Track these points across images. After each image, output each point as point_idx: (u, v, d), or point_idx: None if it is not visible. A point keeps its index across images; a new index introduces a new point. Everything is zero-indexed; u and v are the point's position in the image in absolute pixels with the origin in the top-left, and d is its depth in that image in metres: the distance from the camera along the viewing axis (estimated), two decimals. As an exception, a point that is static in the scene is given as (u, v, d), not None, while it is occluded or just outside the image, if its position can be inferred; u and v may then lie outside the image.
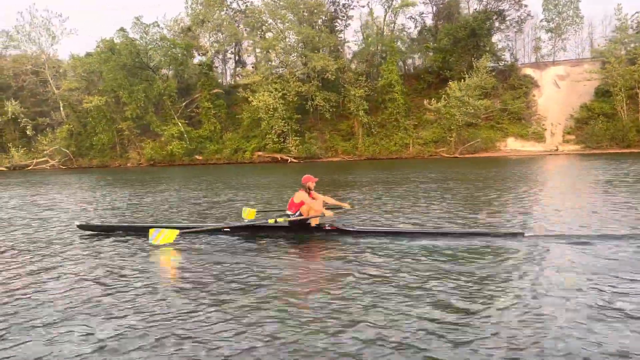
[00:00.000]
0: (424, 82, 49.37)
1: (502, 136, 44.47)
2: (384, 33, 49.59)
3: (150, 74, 47.46)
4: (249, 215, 8.97)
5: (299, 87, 43.84)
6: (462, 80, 42.97)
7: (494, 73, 44.68)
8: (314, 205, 7.52)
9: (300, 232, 7.63)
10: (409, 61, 54.45)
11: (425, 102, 44.20)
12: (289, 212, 7.72)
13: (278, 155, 46.13)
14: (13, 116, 51.59)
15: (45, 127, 54.78)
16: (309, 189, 7.82)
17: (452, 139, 43.30)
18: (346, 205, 8.38)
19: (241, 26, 52.82)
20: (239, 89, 47.85)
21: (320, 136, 47.02)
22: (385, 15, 50.31)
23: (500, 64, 48.38)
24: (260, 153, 47.51)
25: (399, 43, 47.91)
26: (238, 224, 8.09)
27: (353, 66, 49.19)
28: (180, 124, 47.58)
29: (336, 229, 7.45)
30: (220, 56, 55.08)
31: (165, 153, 47.86)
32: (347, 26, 53.77)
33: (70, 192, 19.43)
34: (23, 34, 50.95)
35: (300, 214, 7.56)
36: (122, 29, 46.10)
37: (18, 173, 46.51)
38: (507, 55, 50.37)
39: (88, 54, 50.04)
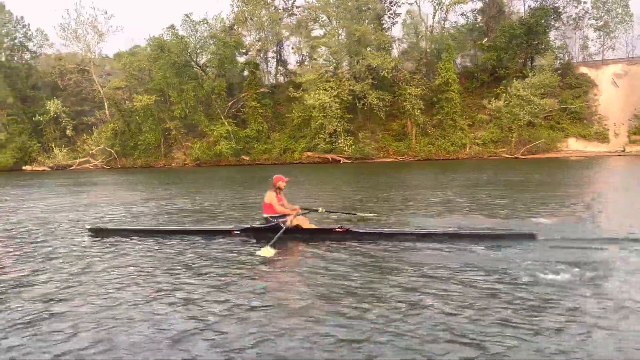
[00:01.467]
0: (476, 81, 48.03)
1: (562, 136, 43.05)
2: (435, 30, 48.36)
3: (199, 72, 46.49)
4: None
5: (353, 85, 42.64)
6: (522, 78, 41.67)
7: (551, 72, 43.30)
8: (280, 208, 7.62)
9: (311, 236, 7.58)
10: (458, 60, 53.11)
11: (485, 101, 42.84)
12: (264, 215, 7.75)
13: (329, 156, 44.94)
14: (55, 115, 50.80)
15: (85, 127, 54.03)
16: (279, 189, 7.80)
17: (513, 139, 41.93)
18: (299, 210, 8.00)
19: (284, 25, 51.88)
20: (290, 87, 46.72)
21: (371, 136, 45.78)
22: (435, 13, 49.17)
23: (556, 62, 46.92)
24: (309, 153, 46.35)
25: (450, 41, 46.46)
26: (246, 226, 8.10)
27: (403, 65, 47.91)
28: (230, 124, 46.52)
29: (347, 231, 7.48)
30: (262, 55, 54.00)
31: (213, 153, 46.83)
32: (394, 24, 52.73)
33: (147, 194, 18.20)
34: (69, 31, 50.14)
35: (277, 216, 7.63)
36: (172, 27, 45.19)
37: (62, 173, 45.72)
38: (562, 54, 48.95)
39: (131, 52, 49.19)
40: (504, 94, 41.84)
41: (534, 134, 42.06)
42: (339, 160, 44.00)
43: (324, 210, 8.74)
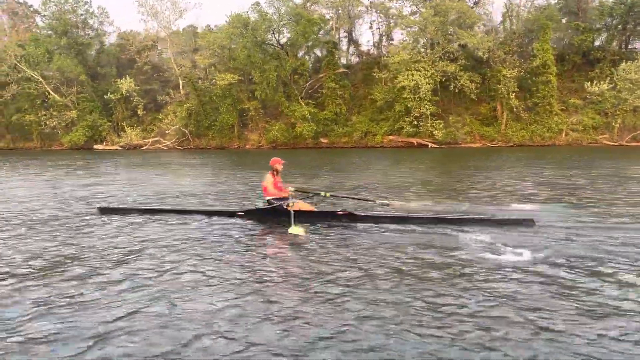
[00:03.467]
0: (568, 64, 45.56)
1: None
2: (520, 10, 45.82)
3: (280, 51, 44.94)
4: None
5: (446, 66, 40.65)
6: (619, 61, 39.29)
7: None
8: (275, 191, 7.80)
9: (314, 219, 7.67)
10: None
11: (586, 84, 40.46)
12: (267, 198, 7.91)
13: (414, 140, 43.23)
14: (127, 94, 49.89)
15: (153, 106, 53.08)
16: (276, 171, 8.00)
17: (616, 125, 39.63)
18: (290, 192, 8.03)
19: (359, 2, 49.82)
20: (366, 68, 44.97)
21: (459, 120, 43.79)
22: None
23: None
24: (392, 137, 44.68)
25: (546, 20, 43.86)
26: (251, 207, 8.36)
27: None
28: (308, 105, 45.00)
29: (349, 214, 7.65)
30: (337, 35, 52.07)
31: (292, 135, 45.47)
32: (476, 3, 50.22)
33: (243, 176, 16.93)
34: (147, 7, 48.82)
35: (275, 198, 7.81)
36: (256, 3, 43.52)
37: (136, 152, 44.91)
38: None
39: (208, 29, 47.76)
40: (608, 77, 39.46)
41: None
42: (426, 145, 42.26)
43: (329, 195, 8.67)
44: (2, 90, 51.80)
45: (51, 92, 52.03)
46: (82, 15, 56.43)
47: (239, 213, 8.19)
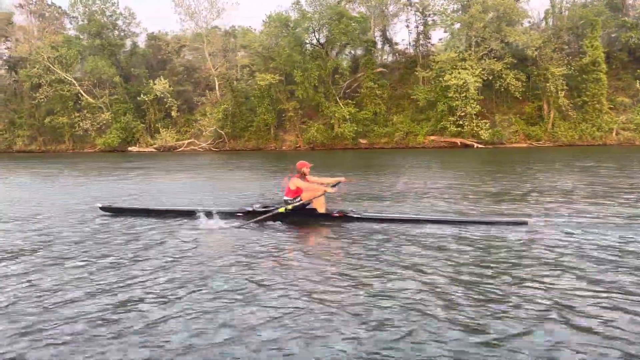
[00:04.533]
0: (615, 61, 44.39)
1: None
2: (564, 7, 44.75)
3: (321, 50, 44.15)
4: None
5: (492, 64, 39.68)
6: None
7: None
8: (311, 187, 7.65)
9: (310, 220, 7.69)
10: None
11: (639, 83, 39.35)
12: (286, 198, 7.83)
13: (458, 140, 42.27)
14: (161, 95, 49.30)
15: (186, 108, 52.48)
16: (304, 174, 7.96)
17: (671, 124, 38.50)
18: (342, 179, 8.34)
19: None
20: (414, 67, 44.08)
21: (504, 120, 42.80)
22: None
23: None
24: (433, 137, 43.74)
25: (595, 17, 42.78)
26: (248, 209, 8.24)
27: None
28: (348, 105, 44.19)
29: (343, 216, 7.64)
30: (372, 34, 51.21)
31: (332, 135, 44.66)
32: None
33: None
34: (184, 7, 48.19)
35: (301, 200, 7.71)
36: (297, 2, 42.81)
37: (172, 154, 44.24)
38: None
39: (246, 29, 47.09)
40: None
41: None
42: (472, 145, 41.28)
43: (349, 180, 8.87)
44: (34, 93, 51.36)
45: (84, 94, 51.58)
46: (111, 16, 56.09)
47: (238, 214, 8.21)
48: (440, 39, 50.19)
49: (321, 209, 7.87)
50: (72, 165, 29.14)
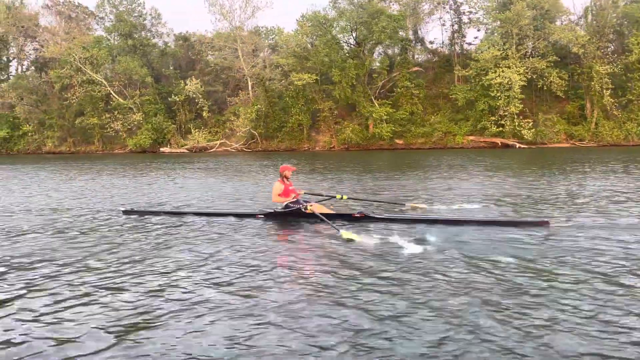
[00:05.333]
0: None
1: None
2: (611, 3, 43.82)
3: (358, 49, 43.58)
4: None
5: (537, 62, 38.90)
6: None
7: None
8: (281, 191, 8.11)
9: (332, 219, 7.63)
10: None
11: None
12: (278, 204, 8.24)
13: (498, 140, 41.54)
14: (192, 95, 48.94)
15: (216, 108, 52.09)
16: (286, 178, 8.26)
17: None
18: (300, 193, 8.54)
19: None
20: (455, 66, 43.37)
21: (546, 119, 41.94)
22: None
23: None
24: (472, 137, 43.03)
25: None
26: (269, 211, 8.41)
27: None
28: (385, 105, 43.57)
29: (364, 216, 7.89)
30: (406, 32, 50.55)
31: (369, 136, 44.07)
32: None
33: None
34: (218, 6, 47.80)
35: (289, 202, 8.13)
36: (335, 1, 42.31)
37: (207, 155, 43.81)
38: None
39: (281, 29, 46.62)
40: None
41: None
42: (513, 145, 40.49)
43: (346, 197, 8.79)
44: (66, 93, 51.21)
45: (114, 95, 51.35)
46: (140, 16, 55.94)
47: (259, 215, 8.35)
48: (475, 37, 49.56)
49: (321, 211, 7.98)
50: (123, 166, 28.68)
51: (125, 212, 9.33)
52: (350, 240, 6.55)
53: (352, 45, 44.54)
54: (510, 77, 37.11)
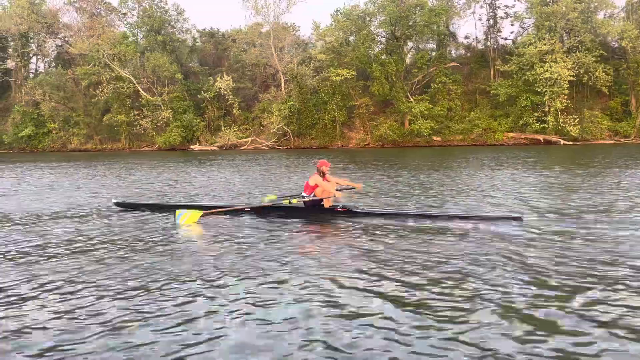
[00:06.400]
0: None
1: None
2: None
3: (396, 44, 42.69)
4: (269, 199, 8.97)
5: (583, 57, 37.95)
6: None
7: None
8: (326, 187, 8.11)
9: (314, 213, 8.13)
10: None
11: None
12: (304, 194, 8.33)
13: (540, 137, 40.63)
14: (223, 92, 48.10)
15: (244, 105, 51.24)
16: (323, 173, 8.33)
17: None
18: (357, 186, 8.75)
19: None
20: (497, 61, 42.43)
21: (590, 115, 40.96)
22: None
23: None
24: (512, 134, 42.12)
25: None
26: (257, 204, 8.63)
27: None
28: (423, 101, 42.67)
29: (347, 210, 8.02)
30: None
31: (406, 132, 43.18)
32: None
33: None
34: (252, 1, 46.89)
35: (315, 196, 8.16)
36: (375, -4, 41.50)
37: (241, 152, 42.97)
38: None
39: (314, 23, 45.69)
40: None
41: None
42: (556, 142, 39.57)
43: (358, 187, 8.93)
44: (94, 90, 50.45)
45: (142, 92, 50.58)
46: (164, 12, 55.13)
47: (246, 209, 8.44)
48: (511, 32, 48.65)
49: (326, 204, 8.24)
50: (184, 163, 27.83)
51: (118, 204, 9.52)
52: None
53: (389, 40, 43.61)
54: (559, 71, 36.14)
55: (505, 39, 47.91)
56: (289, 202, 8.22)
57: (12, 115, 56.54)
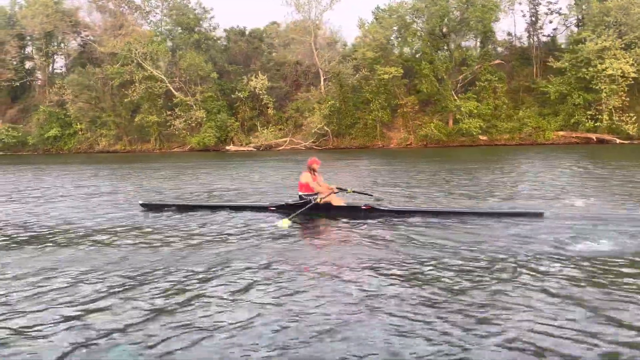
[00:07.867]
0: None
1: None
2: None
3: (444, 41, 41.52)
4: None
5: (642, 53, 36.85)
6: None
7: None
8: (316, 187, 8.29)
9: (340, 212, 8.20)
10: None
11: None
12: (300, 193, 8.46)
13: (593, 136, 39.48)
14: (258, 92, 46.84)
15: (278, 105, 49.96)
16: (314, 170, 8.48)
17: None
18: (332, 188, 8.55)
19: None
20: (549, 58, 41.27)
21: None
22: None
23: None
24: (562, 133, 40.96)
25: None
26: (280, 203, 8.69)
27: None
28: (470, 99, 41.48)
29: (371, 208, 8.11)
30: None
31: (454, 132, 41.99)
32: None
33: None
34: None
35: (317, 194, 8.23)
36: (423, -9, 40.26)
37: (281, 153, 41.69)
38: None
39: (360, 20, 44.46)
40: None
41: None
42: (611, 141, 38.40)
43: (352, 190, 8.90)
44: (125, 90, 49.13)
45: (174, 92, 49.29)
46: (193, 9, 53.94)
47: (271, 208, 8.56)
48: (554, 29, 47.54)
49: (337, 203, 8.30)
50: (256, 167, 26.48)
51: (144, 205, 9.63)
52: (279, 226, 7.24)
53: (437, 37, 42.39)
54: (622, 68, 34.98)
55: (548, 35, 46.73)
56: (320, 199, 8.13)
57: (36, 115, 55.13)
